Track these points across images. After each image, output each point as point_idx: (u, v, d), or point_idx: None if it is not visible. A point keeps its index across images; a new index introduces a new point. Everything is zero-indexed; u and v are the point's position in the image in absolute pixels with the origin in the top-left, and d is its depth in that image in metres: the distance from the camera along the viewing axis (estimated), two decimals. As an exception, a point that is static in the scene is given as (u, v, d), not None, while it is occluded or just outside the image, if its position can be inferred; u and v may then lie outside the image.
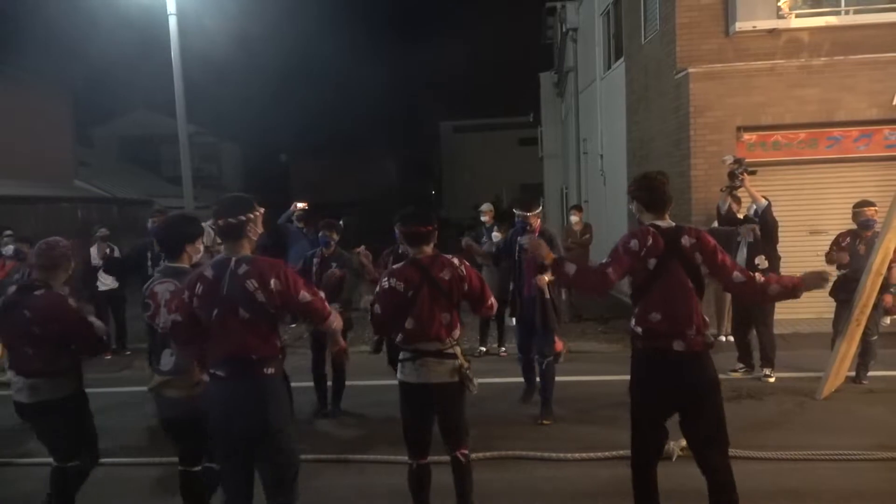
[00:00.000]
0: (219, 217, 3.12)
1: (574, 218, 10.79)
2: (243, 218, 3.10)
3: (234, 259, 3.07)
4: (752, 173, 6.66)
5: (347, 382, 6.27)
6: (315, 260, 6.22)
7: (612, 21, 13.99)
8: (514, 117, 37.05)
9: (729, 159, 6.84)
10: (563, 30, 18.35)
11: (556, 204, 22.19)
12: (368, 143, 39.16)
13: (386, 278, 3.67)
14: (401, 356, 3.72)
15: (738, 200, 7.00)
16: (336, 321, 3.27)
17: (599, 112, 15.06)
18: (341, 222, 6.50)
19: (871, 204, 6.55)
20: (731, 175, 6.61)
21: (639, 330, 3.35)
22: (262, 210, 3.22)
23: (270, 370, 3.07)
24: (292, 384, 4.07)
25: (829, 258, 6.64)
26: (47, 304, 3.69)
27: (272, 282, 3.01)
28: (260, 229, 3.21)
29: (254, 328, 3.02)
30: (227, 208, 3.12)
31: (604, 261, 3.39)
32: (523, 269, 5.73)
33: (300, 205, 10.08)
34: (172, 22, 11.19)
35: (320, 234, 6.29)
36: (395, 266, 3.80)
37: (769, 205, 6.59)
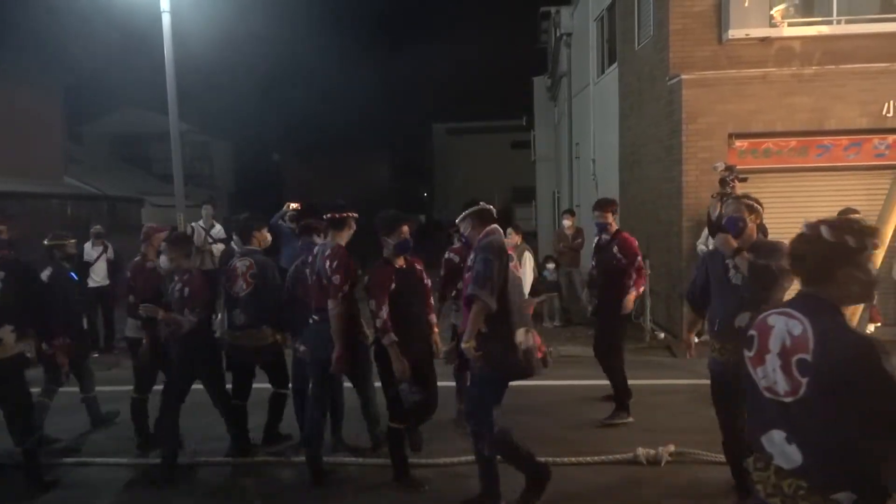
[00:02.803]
0: (331, 211, 4.75)
1: (566, 222, 10.82)
2: (346, 214, 4.76)
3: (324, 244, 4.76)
4: (744, 180, 6.70)
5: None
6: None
7: (605, 26, 14.04)
8: (507, 120, 37.10)
9: (720, 166, 6.87)
10: (557, 34, 18.40)
11: (548, 208, 22.23)
12: (361, 144, 39.07)
13: (447, 253, 5.85)
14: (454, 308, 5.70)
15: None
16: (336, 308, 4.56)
17: (592, 117, 15.11)
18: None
19: (855, 211, 6.61)
20: (723, 182, 6.64)
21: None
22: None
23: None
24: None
25: None
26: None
27: (335, 262, 4.53)
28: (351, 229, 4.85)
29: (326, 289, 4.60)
30: (337, 206, 4.77)
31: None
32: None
33: (293, 205, 10.04)
34: (166, 19, 11.13)
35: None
36: (454, 245, 5.87)
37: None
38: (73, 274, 6.04)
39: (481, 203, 4.36)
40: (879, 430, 2.01)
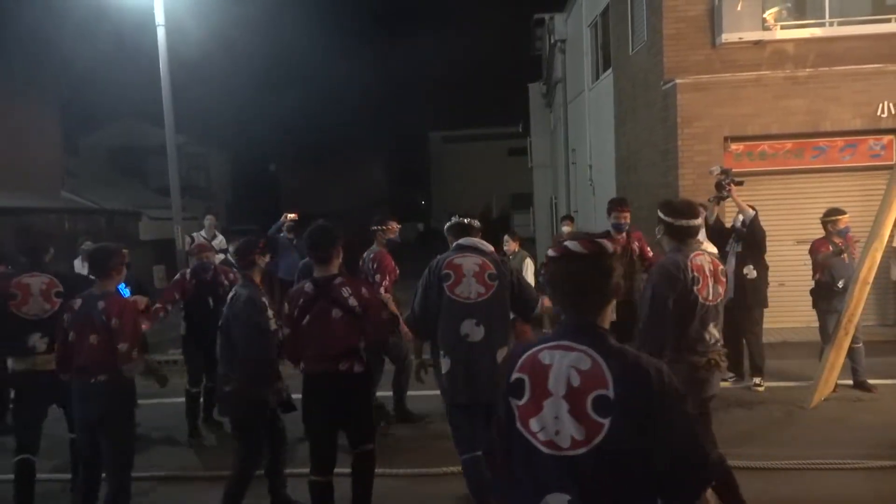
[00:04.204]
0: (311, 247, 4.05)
1: (566, 228, 10.82)
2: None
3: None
4: (740, 184, 6.71)
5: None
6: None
7: (599, 32, 14.08)
8: (503, 127, 37.16)
9: (716, 170, 6.88)
10: (552, 41, 18.44)
11: (545, 214, 22.22)
12: (358, 153, 39.08)
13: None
14: None
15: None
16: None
17: (588, 122, 15.13)
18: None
19: (842, 212, 6.62)
20: (719, 185, 6.65)
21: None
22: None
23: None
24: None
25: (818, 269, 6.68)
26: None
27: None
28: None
29: None
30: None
31: None
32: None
33: (290, 215, 10.03)
34: (160, 33, 11.15)
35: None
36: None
37: (756, 215, 6.63)
38: (122, 285, 6.11)
39: (454, 217, 4.32)
40: (680, 468, 1.75)
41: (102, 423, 3.99)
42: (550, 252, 1.94)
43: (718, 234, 6.81)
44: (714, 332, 3.74)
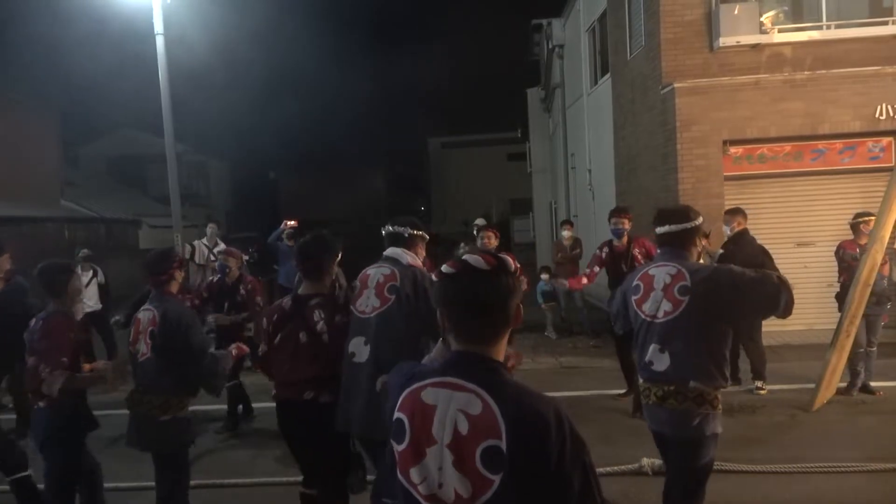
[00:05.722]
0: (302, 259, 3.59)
1: (565, 233, 10.82)
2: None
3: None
4: (706, 236, 6.68)
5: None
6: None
7: (597, 37, 14.12)
8: (502, 133, 37.21)
9: None
10: (550, 46, 18.49)
11: (545, 219, 22.23)
12: (357, 160, 39.18)
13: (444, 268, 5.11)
14: None
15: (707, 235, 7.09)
16: None
17: (587, 127, 15.16)
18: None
19: (871, 215, 6.48)
20: None
21: None
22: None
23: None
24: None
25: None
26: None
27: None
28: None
29: None
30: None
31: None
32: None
33: (290, 223, 10.04)
34: (160, 42, 11.20)
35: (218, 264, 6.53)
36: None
37: (719, 254, 6.54)
38: None
39: (387, 225, 3.79)
40: None
41: (42, 450, 3.70)
42: (445, 268, 1.66)
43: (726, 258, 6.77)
44: (655, 357, 3.19)
